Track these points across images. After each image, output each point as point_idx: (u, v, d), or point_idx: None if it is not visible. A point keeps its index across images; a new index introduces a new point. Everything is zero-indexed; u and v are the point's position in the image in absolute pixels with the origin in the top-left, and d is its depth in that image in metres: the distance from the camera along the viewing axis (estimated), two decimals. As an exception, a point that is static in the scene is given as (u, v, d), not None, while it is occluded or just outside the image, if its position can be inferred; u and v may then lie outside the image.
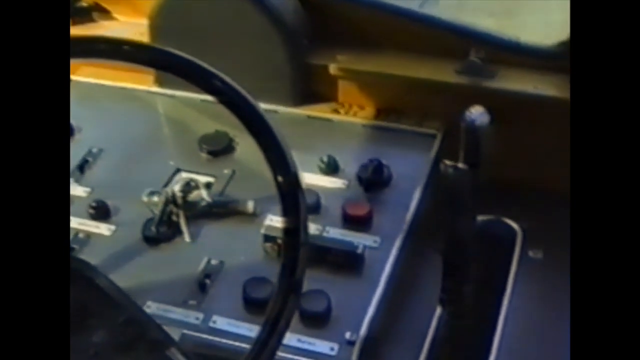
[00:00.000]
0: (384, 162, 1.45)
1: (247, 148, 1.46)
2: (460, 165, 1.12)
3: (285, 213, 1.00)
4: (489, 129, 1.16)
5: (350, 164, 1.47)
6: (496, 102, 1.51)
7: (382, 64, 1.58)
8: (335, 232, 1.36)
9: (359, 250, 1.31)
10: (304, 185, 1.01)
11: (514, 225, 1.49)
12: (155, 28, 1.60)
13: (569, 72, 1.49)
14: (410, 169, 1.47)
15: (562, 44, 1.52)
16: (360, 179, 1.44)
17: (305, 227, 1.00)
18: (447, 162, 1.13)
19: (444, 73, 1.55)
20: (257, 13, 1.55)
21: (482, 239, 1.33)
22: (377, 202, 1.41)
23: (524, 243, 1.46)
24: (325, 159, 1.46)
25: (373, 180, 1.44)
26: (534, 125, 1.52)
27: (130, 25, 1.75)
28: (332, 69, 1.58)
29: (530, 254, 1.44)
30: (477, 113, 1.15)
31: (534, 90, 1.50)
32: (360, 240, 1.34)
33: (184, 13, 1.59)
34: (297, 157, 1.01)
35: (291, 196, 1.00)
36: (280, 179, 0.99)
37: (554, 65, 1.52)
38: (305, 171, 1.37)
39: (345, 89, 1.60)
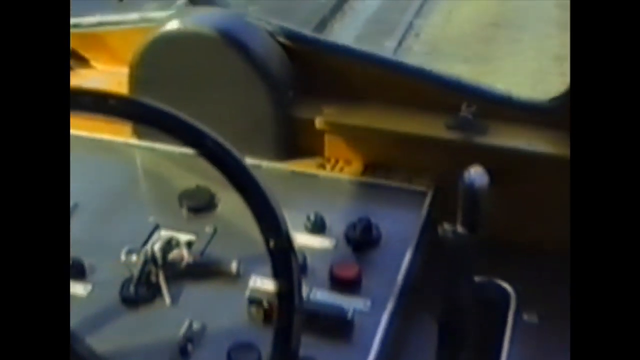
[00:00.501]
0: (373, 220, 1.39)
1: (229, 205, 1.39)
2: (460, 229, 1.07)
3: (276, 275, 0.94)
4: (488, 191, 1.12)
5: (337, 223, 1.41)
6: (488, 159, 1.47)
7: (370, 118, 1.53)
8: (323, 295, 1.29)
9: (349, 316, 1.24)
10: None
11: (508, 287, 1.43)
12: (135, 77, 1.54)
13: (561, 128, 1.48)
14: (400, 228, 1.41)
15: (555, 99, 1.48)
16: (348, 239, 1.38)
17: (300, 291, 0.94)
18: (446, 225, 1.08)
19: (434, 128, 1.50)
20: (241, 61, 1.49)
21: (475, 301, 1.28)
22: (366, 263, 1.35)
23: (518, 306, 1.40)
24: (312, 217, 1.40)
25: (362, 239, 1.38)
26: (528, 183, 1.47)
27: (108, 75, 1.69)
28: (318, 122, 1.53)
29: (525, 317, 1.38)
30: (476, 174, 1.09)
31: (528, 146, 1.46)
32: (350, 303, 1.27)
33: (166, 61, 1.53)
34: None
35: (283, 258, 0.94)
36: (270, 239, 0.93)
37: (546, 120, 1.48)
38: (291, 230, 1.32)
39: (332, 144, 1.55)
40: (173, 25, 1.52)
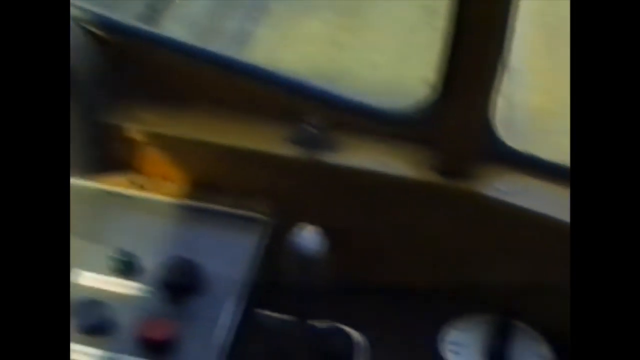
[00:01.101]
0: (197, 258, 1.14)
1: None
2: (286, 317, 0.83)
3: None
4: (323, 257, 0.88)
5: (152, 262, 1.15)
6: (335, 180, 1.25)
7: (198, 128, 1.27)
8: (126, 361, 1.05)
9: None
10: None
11: (354, 334, 1.21)
12: None
13: (425, 143, 1.25)
14: (229, 267, 1.16)
15: (419, 109, 1.24)
16: (164, 284, 1.13)
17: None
18: (266, 312, 0.84)
19: (274, 142, 1.25)
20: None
21: (317, 350, 1.07)
22: (185, 316, 1.10)
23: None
24: (118, 255, 1.14)
25: (180, 285, 1.13)
26: (383, 212, 1.25)
27: None
28: (135, 132, 1.26)
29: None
30: (308, 236, 0.85)
31: (381, 167, 1.23)
32: (160, 375, 1.03)
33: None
34: (81, 249, 0.86)
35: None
36: None
37: (408, 134, 1.26)
38: (91, 270, 1.08)
39: (152, 158, 1.28)
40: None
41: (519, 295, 1.23)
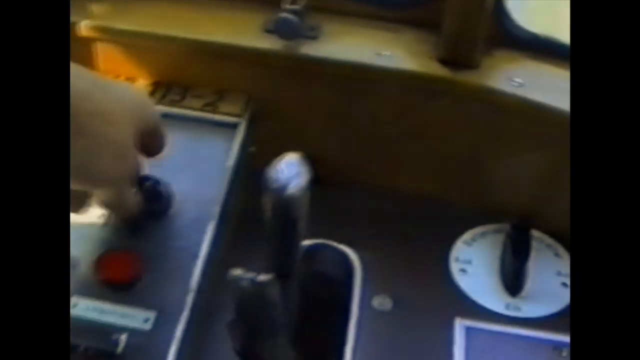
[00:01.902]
0: (161, 176, 0.98)
1: None
2: (263, 277, 0.67)
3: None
4: (307, 194, 0.72)
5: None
6: (319, 77, 1.07)
7: (158, 20, 1.08)
8: (85, 306, 0.90)
9: (119, 348, 0.86)
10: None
11: (350, 252, 1.06)
12: None
13: (426, 26, 1.08)
14: (201, 186, 1.00)
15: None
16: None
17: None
18: (238, 271, 0.68)
19: (246, 33, 1.07)
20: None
21: (305, 270, 0.92)
22: (150, 247, 0.95)
23: (365, 284, 1.03)
24: (70, 176, 0.97)
25: (145, 209, 0.97)
26: (373, 110, 1.08)
27: None
28: (85, 27, 1.08)
29: (375, 304, 1.02)
30: (288, 170, 0.69)
31: (376, 59, 1.05)
32: (122, 321, 0.88)
33: None
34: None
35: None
36: None
37: (404, 15, 1.08)
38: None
39: (106, 56, 1.10)
40: None
41: (535, 201, 1.07)
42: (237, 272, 0.69)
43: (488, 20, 1.02)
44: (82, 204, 0.92)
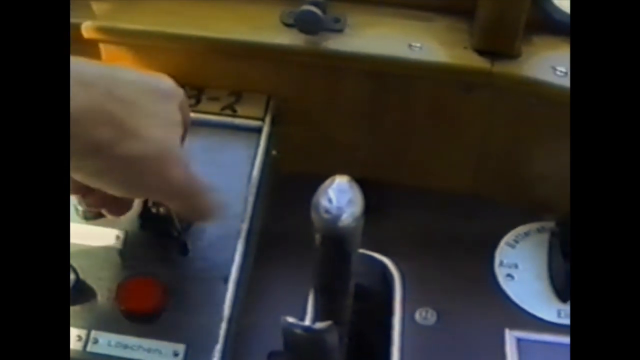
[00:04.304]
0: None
1: None
2: (321, 325, 0.59)
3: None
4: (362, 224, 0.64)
5: (126, 197, 0.91)
6: (345, 73, 0.99)
7: (166, 17, 0.99)
8: (106, 342, 0.82)
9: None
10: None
11: (387, 262, 0.98)
12: None
13: (461, 13, 1.00)
14: (222, 198, 0.92)
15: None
16: (142, 222, 0.89)
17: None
18: (292, 319, 0.60)
19: (263, 27, 0.98)
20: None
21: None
22: (172, 272, 0.87)
23: (405, 297, 0.95)
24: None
25: (164, 227, 0.88)
26: (406, 107, 1.00)
27: None
28: (87, 28, 0.98)
29: (418, 318, 0.94)
30: (339, 198, 0.60)
31: (405, 50, 0.97)
32: (150, 357, 0.80)
33: None
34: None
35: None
36: None
37: (437, 2, 0.99)
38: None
39: (112, 58, 1.00)
40: None
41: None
42: (290, 319, 0.61)
43: (528, 3, 0.93)
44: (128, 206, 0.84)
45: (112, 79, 0.74)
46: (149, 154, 0.74)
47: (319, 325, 0.62)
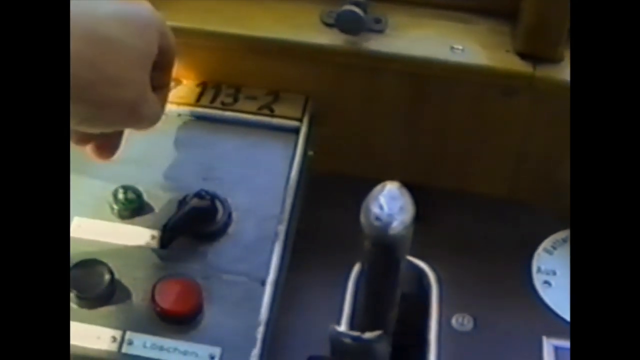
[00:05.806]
0: (216, 191, 0.89)
1: None
2: (370, 335, 0.58)
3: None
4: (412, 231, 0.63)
5: (162, 196, 0.90)
6: (385, 74, 0.97)
7: (203, 14, 0.98)
8: (141, 343, 0.81)
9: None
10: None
11: (424, 266, 0.97)
12: None
13: (503, 16, 0.98)
14: (260, 199, 0.91)
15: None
16: (171, 227, 0.87)
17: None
18: (341, 328, 0.59)
19: (303, 27, 0.97)
20: None
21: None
22: (209, 273, 0.86)
23: (442, 302, 0.94)
24: (121, 194, 0.89)
25: (201, 228, 0.88)
26: (446, 109, 0.98)
27: None
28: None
29: (454, 324, 0.93)
30: (389, 205, 0.59)
31: (446, 53, 0.95)
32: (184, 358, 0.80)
33: None
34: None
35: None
36: None
37: (479, 4, 0.98)
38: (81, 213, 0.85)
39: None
40: None
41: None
42: (339, 328, 0.60)
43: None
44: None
45: (93, 16, 0.72)
46: (126, 97, 0.75)
47: (369, 334, 0.61)
